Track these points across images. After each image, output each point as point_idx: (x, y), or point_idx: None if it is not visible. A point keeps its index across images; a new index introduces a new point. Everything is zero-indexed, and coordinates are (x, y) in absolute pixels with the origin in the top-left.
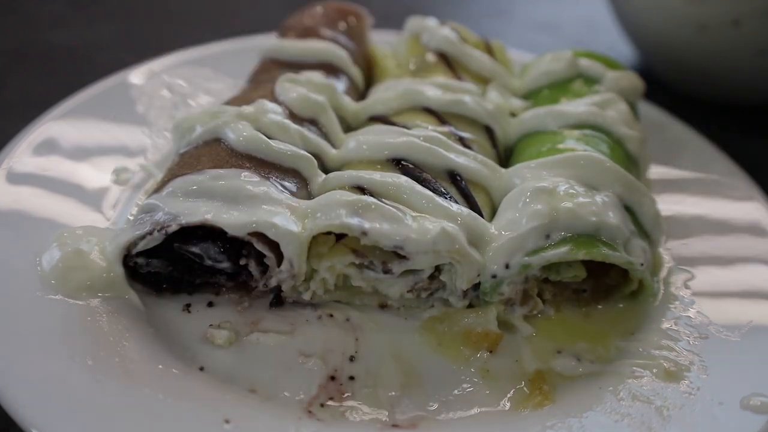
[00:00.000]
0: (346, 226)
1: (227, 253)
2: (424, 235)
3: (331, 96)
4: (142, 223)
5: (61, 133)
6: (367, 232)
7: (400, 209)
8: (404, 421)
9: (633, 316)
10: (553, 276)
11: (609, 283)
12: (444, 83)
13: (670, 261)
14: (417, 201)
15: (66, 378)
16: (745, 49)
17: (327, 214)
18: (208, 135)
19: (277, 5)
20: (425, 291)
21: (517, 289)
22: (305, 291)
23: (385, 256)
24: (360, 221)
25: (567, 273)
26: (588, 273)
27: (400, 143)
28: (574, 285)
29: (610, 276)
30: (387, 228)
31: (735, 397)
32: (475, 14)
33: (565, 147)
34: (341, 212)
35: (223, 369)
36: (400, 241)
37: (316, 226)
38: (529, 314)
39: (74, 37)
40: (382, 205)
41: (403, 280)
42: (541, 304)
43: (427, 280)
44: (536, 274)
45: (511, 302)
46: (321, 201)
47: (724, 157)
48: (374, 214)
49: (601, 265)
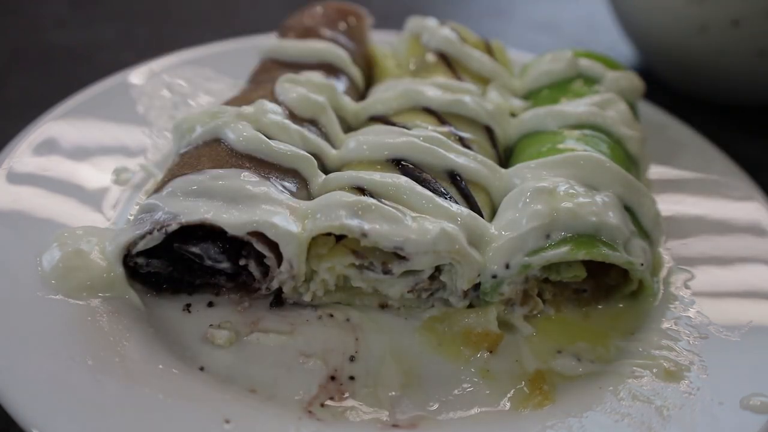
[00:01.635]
0: (346, 227)
1: (227, 253)
2: (423, 235)
3: (331, 96)
4: (142, 223)
5: (61, 133)
6: (367, 234)
7: (400, 210)
8: (404, 421)
9: (633, 316)
10: (553, 276)
11: (609, 283)
12: (444, 83)
13: (670, 261)
14: (417, 201)
15: (66, 378)
16: (745, 49)
17: (327, 215)
18: (208, 135)
19: (277, 5)
20: (426, 291)
21: (517, 289)
22: (305, 292)
23: (385, 256)
24: (360, 222)
25: (567, 273)
26: (588, 273)
27: (400, 143)
28: (575, 285)
29: (610, 276)
30: (387, 229)
31: (735, 397)
32: (475, 14)
33: (565, 147)
34: (341, 213)
35: (223, 369)
36: (400, 242)
37: (316, 227)
38: (529, 314)
39: (74, 37)
40: (381, 206)
41: (404, 281)
42: (541, 304)
43: (428, 281)
44: (536, 274)
45: (511, 302)
46: (321, 202)
47: (724, 157)
48: (374, 215)
49: (601, 265)
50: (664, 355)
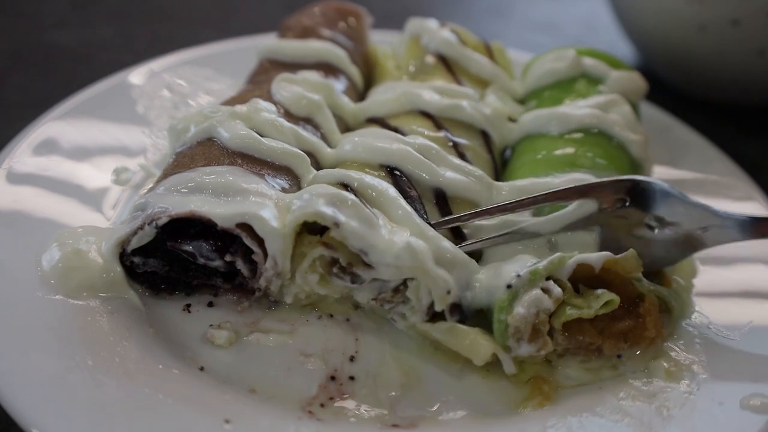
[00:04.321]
0: (320, 214)
1: (219, 251)
2: (389, 247)
3: (328, 95)
4: (135, 220)
5: (61, 133)
6: (340, 224)
7: (378, 216)
8: (404, 421)
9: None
10: (584, 308)
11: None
12: (442, 87)
13: None
14: (395, 213)
15: (66, 378)
16: (745, 49)
17: (304, 203)
18: (202, 134)
19: (277, 5)
20: (388, 303)
21: (528, 321)
22: (288, 293)
23: (351, 257)
24: (335, 212)
25: (597, 302)
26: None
27: (394, 150)
28: (589, 341)
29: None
30: (359, 228)
31: (735, 397)
32: (475, 14)
33: (562, 153)
34: (319, 201)
35: (223, 369)
36: (366, 247)
37: (294, 217)
38: (536, 354)
39: (74, 37)
40: (361, 206)
41: (371, 287)
42: (550, 344)
43: (391, 292)
44: (550, 307)
45: (519, 336)
46: (303, 193)
47: (724, 157)
48: (350, 211)
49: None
50: (664, 355)
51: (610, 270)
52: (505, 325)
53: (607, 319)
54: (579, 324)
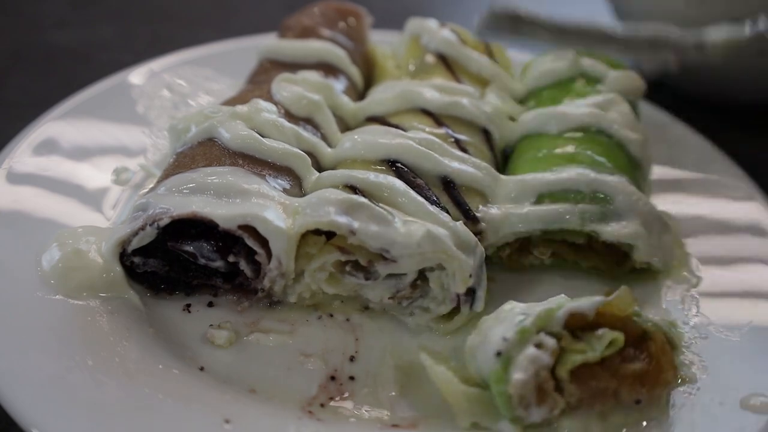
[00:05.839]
0: (334, 223)
1: (220, 252)
2: (410, 237)
3: (328, 95)
4: (136, 220)
5: (61, 133)
6: (355, 232)
7: (390, 212)
8: (404, 421)
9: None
10: (588, 353)
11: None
12: (442, 85)
13: None
14: (409, 205)
15: (66, 378)
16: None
17: (316, 211)
18: (203, 135)
19: (277, 5)
20: (406, 300)
21: (530, 385)
22: (292, 293)
23: (371, 255)
24: (349, 220)
25: (600, 343)
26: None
27: (395, 145)
28: (604, 384)
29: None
30: (375, 229)
31: (735, 397)
32: (475, 14)
33: (562, 152)
34: (330, 210)
35: (223, 369)
36: (386, 244)
37: (305, 222)
38: (550, 416)
39: (74, 37)
40: (372, 206)
41: (386, 285)
42: (561, 400)
43: (410, 288)
44: (549, 361)
45: (526, 403)
46: (311, 198)
47: (724, 157)
48: (364, 214)
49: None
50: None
51: (606, 313)
52: (507, 396)
53: (617, 361)
54: (589, 370)
